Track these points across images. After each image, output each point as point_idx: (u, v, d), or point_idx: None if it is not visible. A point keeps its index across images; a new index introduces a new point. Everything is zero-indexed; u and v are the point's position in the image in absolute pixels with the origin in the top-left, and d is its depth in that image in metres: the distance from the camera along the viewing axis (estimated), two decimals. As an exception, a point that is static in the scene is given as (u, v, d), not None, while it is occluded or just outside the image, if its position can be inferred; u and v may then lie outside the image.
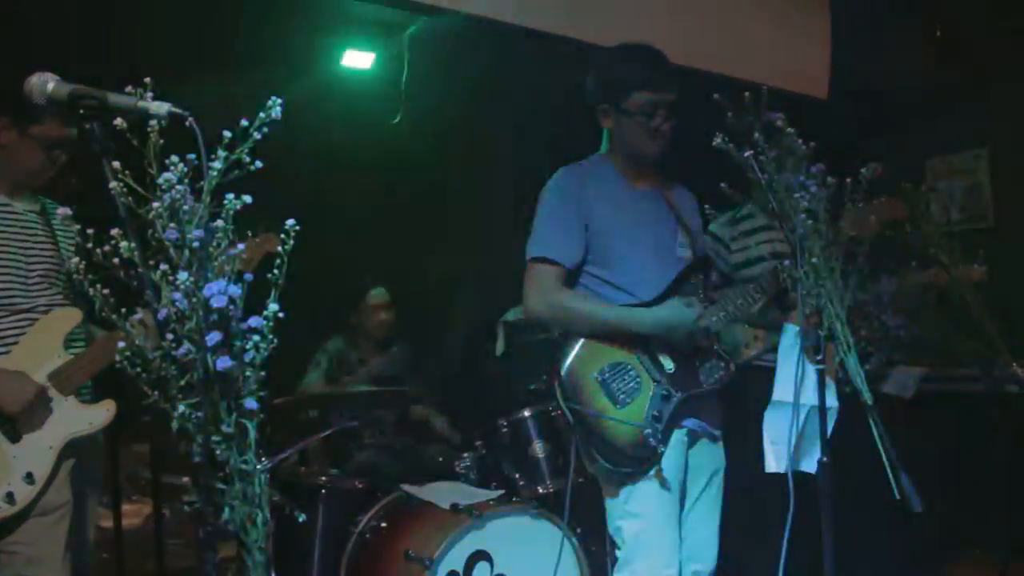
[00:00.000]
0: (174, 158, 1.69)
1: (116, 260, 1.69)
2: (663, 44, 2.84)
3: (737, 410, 2.83)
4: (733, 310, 2.71)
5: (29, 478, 2.53)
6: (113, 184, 1.68)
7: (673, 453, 2.64)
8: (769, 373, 2.54)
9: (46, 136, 2.66)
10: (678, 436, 2.66)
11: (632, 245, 2.73)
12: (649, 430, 2.58)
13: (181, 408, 1.69)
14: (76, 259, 1.77)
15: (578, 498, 2.94)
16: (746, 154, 2.30)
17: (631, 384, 2.63)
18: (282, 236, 1.77)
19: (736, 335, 3.56)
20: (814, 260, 2.27)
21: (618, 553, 2.70)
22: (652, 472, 2.59)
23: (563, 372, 2.64)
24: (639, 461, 2.60)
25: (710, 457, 2.79)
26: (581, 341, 2.66)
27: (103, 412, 2.67)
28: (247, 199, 1.73)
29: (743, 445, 2.75)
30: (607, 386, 2.62)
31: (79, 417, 2.63)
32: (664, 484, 2.60)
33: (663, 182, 2.90)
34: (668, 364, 2.67)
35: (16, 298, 2.64)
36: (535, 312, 2.71)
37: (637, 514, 2.63)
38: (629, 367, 2.65)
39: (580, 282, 2.75)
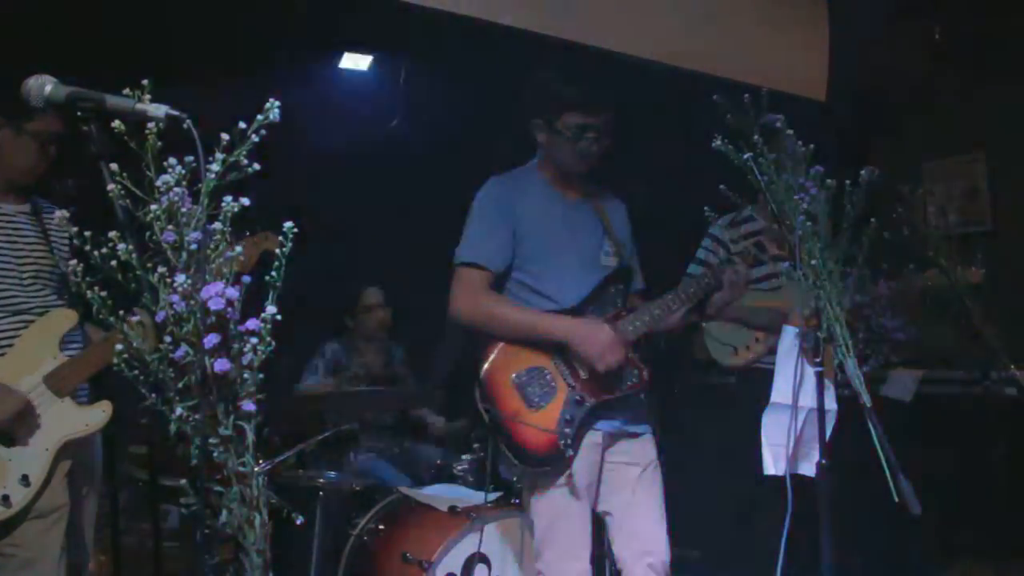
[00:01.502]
0: (172, 160, 1.68)
1: (114, 262, 1.68)
2: (661, 46, 2.85)
3: (737, 413, 2.83)
4: (650, 319, 2.76)
5: (25, 480, 2.52)
6: (111, 186, 1.68)
7: (584, 455, 2.71)
8: (769, 375, 2.54)
9: (42, 131, 2.65)
10: (591, 438, 2.73)
11: (557, 253, 2.80)
12: (561, 435, 2.65)
13: (179, 410, 1.69)
14: (74, 261, 1.76)
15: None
16: (745, 156, 2.30)
17: (546, 388, 2.69)
18: (280, 239, 1.77)
19: (735, 337, 3.57)
20: (813, 262, 2.27)
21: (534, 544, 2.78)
22: (563, 479, 2.68)
23: (482, 374, 2.70)
24: (550, 463, 2.67)
25: (635, 454, 2.84)
26: (500, 345, 2.72)
27: (99, 413, 2.66)
28: (245, 201, 1.73)
29: (743, 448, 2.75)
30: (523, 389, 2.68)
31: (75, 419, 2.63)
32: (573, 486, 2.68)
33: (594, 192, 2.95)
34: (583, 371, 2.72)
35: (12, 299, 2.64)
36: (460, 315, 2.78)
37: (546, 511, 2.72)
38: (545, 371, 2.71)
39: (506, 288, 2.82)
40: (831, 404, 2.36)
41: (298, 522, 3.33)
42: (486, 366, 2.71)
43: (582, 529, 2.73)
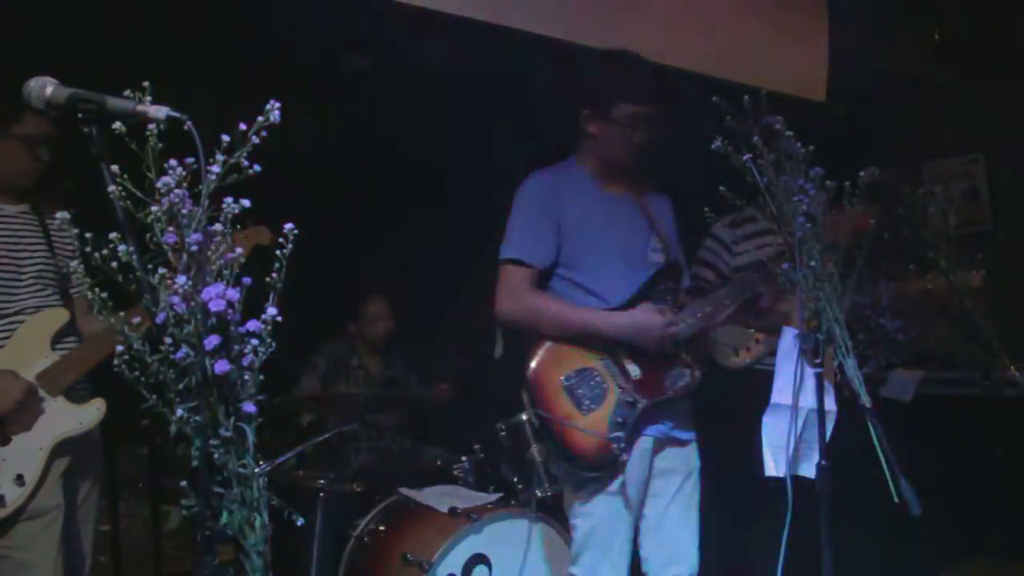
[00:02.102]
0: (172, 162, 1.69)
1: (114, 264, 1.69)
2: (660, 48, 2.85)
3: (737, 415, 2.83)
4: (702, 317, 2.70)
5: (19, 480, 2.51)
6: (111, 188, 1.68)
7: (636, 461, 2.66)
8: (769, 377, 2.54)
9: (28, 134, 2.64)
10: (642, 444, 2.68)
11: (603, 249, 2.74)
12: (612, 438, 2.59)
13: (179, 412, 1.69)
14: (74, 263, 1.77)
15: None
16: (745, 158, 2.30)
17: (596, 390, 2.63)
18: (280, 240, 1.77)
19: (735, 338, 3.56)
20: (812, 263, 2.27)
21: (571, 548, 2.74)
22: (615, 485, 2.62)
23: (529, 376, 2.65)
24: (602, 468, 2.62)
25: (680, 461, 2.79)
26: (547, 345, 2.67)
27: (93, 411, 2.66)
28: (246, 203, 1.73)
29: (743, 451, 2.75)
30: (572, 391, 2.62)
31: (69, 417, 2.62)
32: (624, 492, 2.63)
33: (638, 187, 2.90)
34: (634, 371, 2.67)
35: (12, 300, 2.63)
36: (506, 314, 2.73)
37: (590, 515, 2.66)
38: (595, 373, 2.65)
39: (551, 285, 2.76)
40: (831, 405, 2.36)
41: (298, 523, 3.32)
42: (533, 367, 2.65)
43: (624, 536, 2.67)
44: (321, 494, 3.57)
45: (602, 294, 2.72)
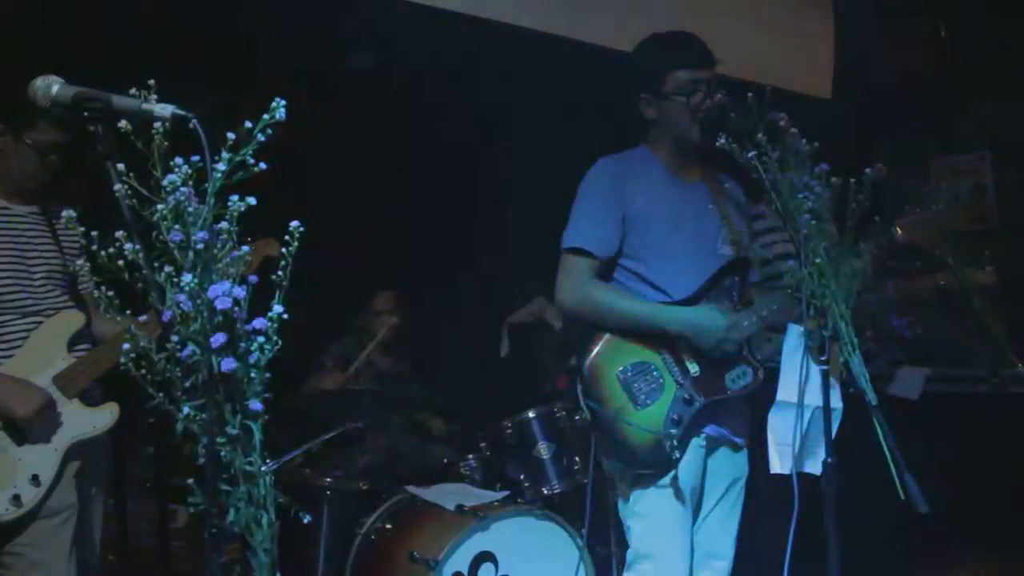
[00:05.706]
0: (178, 160, 1.69)
1: (121, 262, 1.69)
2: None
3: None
4: (768, 315, 2.61)
5: (35, 480, 2.54)
6: (118, 186, 1.69)
7: (690, 459, 2.59)
8: (776, 375, 2.53)
9: (40, 141, 2.65)
10: (696, 442, 2.61)
11: (670, 240, 2.66)
12: (666, 435, 2.51)
13: (186, 410, 1.70)
14: (80, 261, 1.77)
15: (582, 497, 2.92)
16: (750, 155, 2.29)
17: (653, 385, 2.56)
18: (286, 238, 1.78)
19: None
20: (818, 260, 2.26)
21: (627, 553, 2.68)
22: (667, 479, 2.55)
23: (584, 367, 2.58)
24: (654, 464, 2.55)
25: (731, 465, 2.73)
26: (605, 336, 2.59)
27: (107, 414, 2.68)
28: (251, 201, 1.74)
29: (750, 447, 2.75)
30: (628, 385, 2.56)
31: (83, 420, 2.65)
32: (677, 491, 2.55)
33: (710, 174, 2.78)
34: (693, 367, 2.60)
35: (23, 301, 2.65)
36: (565, 304, 2.66)
37: (646, 516, 2.60)
38: (652, 367, 2.58)
39: (614, 276, 2.68)
40: (837, 403, 2.35)
41: (305, 521, 3.33)
42: (590, 359, 2.58)
43: (682, 541, 2.60)
44: (328, 492, 3.57)
45: (665, 287, 2.64)
